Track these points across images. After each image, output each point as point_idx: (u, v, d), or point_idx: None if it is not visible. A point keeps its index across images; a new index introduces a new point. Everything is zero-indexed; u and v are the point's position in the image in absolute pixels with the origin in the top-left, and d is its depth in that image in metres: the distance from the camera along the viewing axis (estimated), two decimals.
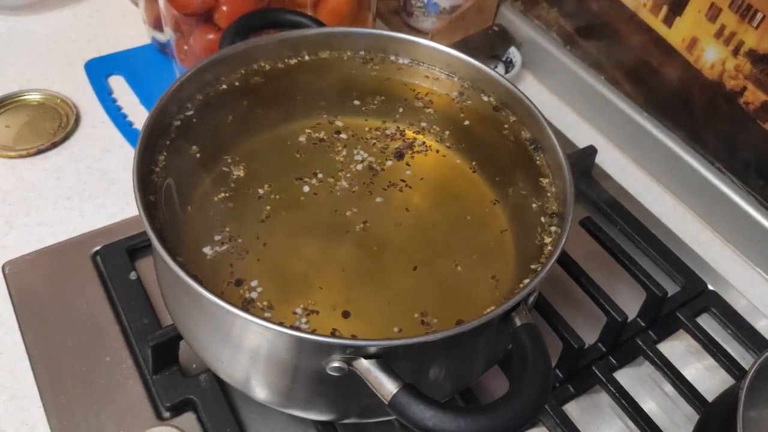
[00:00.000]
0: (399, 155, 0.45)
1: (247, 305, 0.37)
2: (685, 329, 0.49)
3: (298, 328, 0.36)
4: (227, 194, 0.42)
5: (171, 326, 0.42)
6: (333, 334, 0.36)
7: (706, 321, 0.51)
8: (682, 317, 0.49)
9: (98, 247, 0.50)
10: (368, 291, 0.39)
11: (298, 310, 0.37)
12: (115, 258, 0.50)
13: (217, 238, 0.39)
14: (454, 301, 0.38)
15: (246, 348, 0.36)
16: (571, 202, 0.39)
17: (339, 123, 0.47)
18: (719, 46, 0.55)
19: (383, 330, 0.37)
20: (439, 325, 0.37)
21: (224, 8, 0.56)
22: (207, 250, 0.39)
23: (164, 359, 0.44)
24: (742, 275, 0.56)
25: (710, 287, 0.53)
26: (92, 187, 0.57)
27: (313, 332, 0.35)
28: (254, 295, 0.37)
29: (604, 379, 0.46)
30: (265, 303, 0.37)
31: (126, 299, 0.47)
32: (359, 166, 0.44)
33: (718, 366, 0.48)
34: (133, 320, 0.46)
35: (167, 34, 0.61)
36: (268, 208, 0.41)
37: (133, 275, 0.49)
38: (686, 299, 0.51)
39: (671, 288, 0.51)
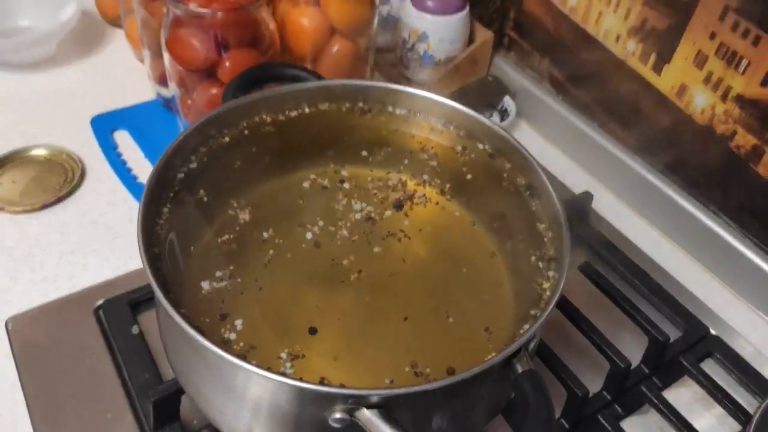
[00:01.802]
0: (398, 206, 0.46)
1: (227, 345, 0.37)
2: (689, 375, 0.49)
3: (297, 378, 0.36)
4: (230, 237, 0.42)
5: (173, 380, 0.42)
6: (322, 382, 0.36)
7: (710, 366, 0.50)
8: (685, 363, 0.49)
9: (101, 301, 0.51)
10: (357, 340, 0.39)
11: (283, 355, 0.37)
12: (117, 312, 0.50)
13: (218, 274, 0.40)
14: (443, 353, 0.38)
15: (248, 399, 0.36)
16: (568, 246, 0.40)
17: (344, 172, 0.48)
18: (708, 91, 0.57)
19: (372, 379, 0.37)
20: (433, 375, 0.37)
21: (227, 64, 0.58)
22: (205, 285, 0.39)
23: (165, 415, 0.43)
24: (744, 319, 0.56)
25: (712, 332, 0.53)
26: (96, 241, 0.57)
27: (317, 383, 0.35)
28: (232, 336, 0.37)
29: (610, 429, 0.45)
30: (242, 344, 0.37)
31: (128, 353, 0.47)
32: (359, 215, 0.45)
33: (725, 413, 0.47)
34: (135, 375, 0.46)
35: (172, 90, 0.63)
36: (271, 252, 0.42)
37: (135, 329, 0.49)
38: (689, 344, 0.51)
39: (673, 333, 0.51)
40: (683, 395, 0.49)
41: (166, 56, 0.60)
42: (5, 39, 0.75)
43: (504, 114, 0.73)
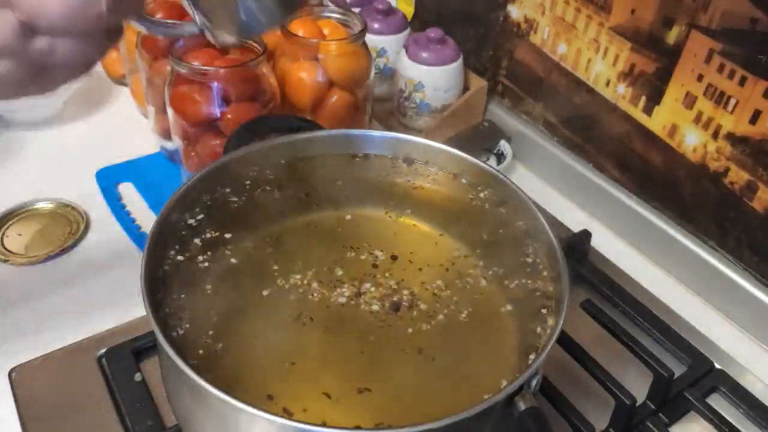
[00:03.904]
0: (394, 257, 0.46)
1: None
2: (696, 410, 0.49)
3: (300, 420, 0.35)
4: (231, 283, 0.43)
5: (175, 426, 0.42)
6: (325, 424, 0.36)
7: (716, 401, 0.50)
8: (691, 398, 0.49)
9: (104, 350, 0.51)
10: (360, 382, 0.39)
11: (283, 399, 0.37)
12: (120, 360, 0.50)
13: (220, 319, 0.40)
14: (445, 393, 0.39)
15: None
16: (567, 283, 0.40)
17: (348, 217, 0.49)
18: (699, 130, 0.58)
19: (373, 421, 0.37)
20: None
21: (229, 116, 0.60)
22: (208, 331, 0.40)
23: None
24: (748, 352, 0.56)
25: (717, 366, 0.52)
26: (100, 290, 0.58)
27: (320, 424, 0.35)
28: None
29: None
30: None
31: (131, 401, 0.47)
32: (363, 258, 0.46)
33: None
34: (137, 422, 0.46)
35: (175, 143, 0.64)
36: (271, 298, 0.43)
37: (138, 377, 0.49)
38: (694, 379, 0.51)
39: (678, 368, 0.50)
40: (691, 431, 0.48)
41: (170, 111, 0.62)
42: (14, 99, 0.77)
43: (500, 157, 0.74)
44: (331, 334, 0.41)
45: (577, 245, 0.60)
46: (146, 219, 0.65)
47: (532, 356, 0.39)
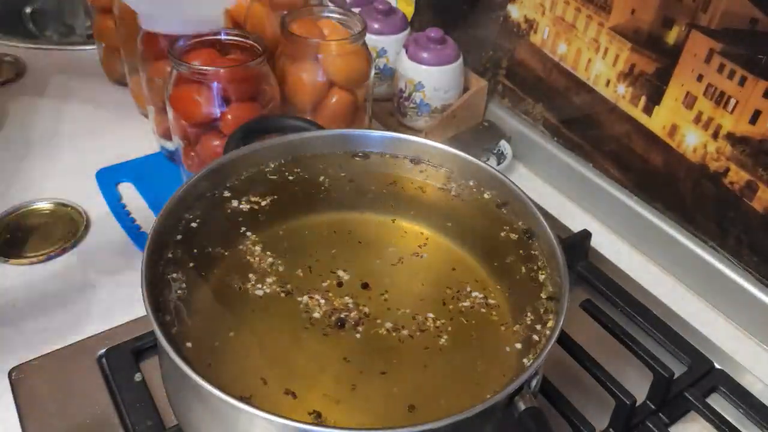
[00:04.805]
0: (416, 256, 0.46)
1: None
2: (696, 410, 0.49)
3: (300, 420, 0.35)
4: (231, 282, 0.43)
5: (175, 426, 0.42)
6: (324, 424, 0.35)
7: (716, 401, 0.50)
8: (691, 398, 0.49)
9: (104, 350, 0.51)
10: (357, 384, 0.39)
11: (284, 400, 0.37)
12: (120, 360, 0.50)
13: (221, 321, 0.40)
14: (444, 395, 0.38)
15: None
16: (567, 283, 0.40)
17: (347, 217, 0.49)
18: (699, 130, 0.58)
19: (372, 421, 0.37)
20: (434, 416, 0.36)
21: (229, 117, 0.60)
22: (209, 332, 0.40)
23: None
24: (749, 352, 0.56)
25: (717, 366, 0.52)
26: (100, 290, 0.58)
27: (323, 424, 0.35)
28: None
29: None
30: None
31: (131, 401, 0.47)
32: (365, 259, 0.46)
33: None
34: (138, 423, 0.46)
35: (175, 143, 0.64)
36: (270, 299, 0.43)
37: (138, 377, 0.49)
38: (694, 379, 0.51)
39: (678, 368, 0.50)
40: (690, 430, 0.48)
41: (170, 112, 0.62)
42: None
43: (500, 157, 0.75)
44: (331, 334, 0.41)
45: (577, 245, 0.60)
46: (146, 219, 0.65)
47: (531, 356, 0.39)
